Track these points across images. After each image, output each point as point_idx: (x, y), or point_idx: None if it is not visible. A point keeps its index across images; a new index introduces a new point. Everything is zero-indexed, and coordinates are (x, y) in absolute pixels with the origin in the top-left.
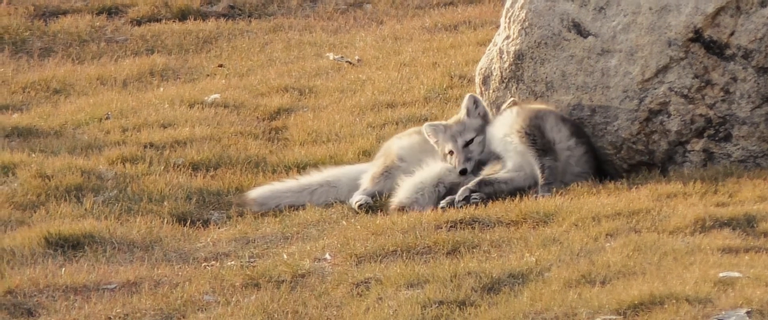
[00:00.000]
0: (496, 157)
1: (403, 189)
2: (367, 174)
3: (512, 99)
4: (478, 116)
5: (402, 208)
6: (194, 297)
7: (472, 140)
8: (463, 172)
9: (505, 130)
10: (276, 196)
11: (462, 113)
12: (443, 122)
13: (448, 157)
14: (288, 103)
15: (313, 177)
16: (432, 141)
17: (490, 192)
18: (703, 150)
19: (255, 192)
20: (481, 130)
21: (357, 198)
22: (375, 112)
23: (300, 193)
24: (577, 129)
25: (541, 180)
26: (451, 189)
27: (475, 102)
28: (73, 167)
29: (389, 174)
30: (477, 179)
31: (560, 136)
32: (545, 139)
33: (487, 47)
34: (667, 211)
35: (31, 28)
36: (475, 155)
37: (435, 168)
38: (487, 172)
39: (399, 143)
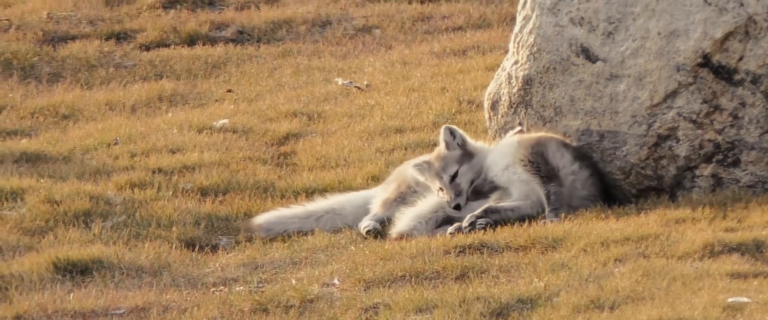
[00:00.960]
0: (495, 188)
1: (402, 220)
2: (377, 199)
3: (520, 129)
4: (457, 146)
5: (401, 238)
6: None
7: (456, 172)
8: (457, 208)
9: (507, 161)
10: (282, 222)
11: (441, 146)
12: (427, 158)
13: (440, 193)
14: (297, 128)
15: (319, 203)
16: (422, 180)
17: (497, 219)
18: (711, 175)
19: (261, 218)
20: (463, 159)
21: (365, 224)
22: (384, 137)
23: (306, 219)
24: (580, 153)
25: (547, 207)
26: (451, 219)
27: (452, 133)
28: (81, 192)
29: (403, 200)
30: (484, 207)
31: (564, 162)
32: (549, 166)
33: (495, 72)
34: (676, 236)
35: (40, 53)
36: (465, 186)
37: (434, 197)
38: (492, 201)
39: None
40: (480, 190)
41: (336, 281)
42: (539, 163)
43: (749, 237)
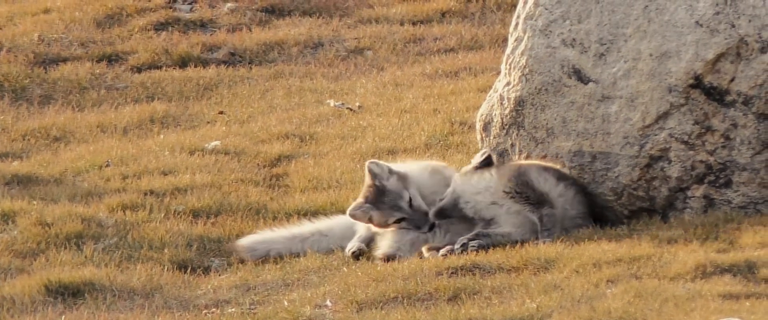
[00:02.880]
0: (471, 220)
1: (385, 240)
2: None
3: (484, 150)
4: (389, 176)
5: (387, 259)
6: None
7: (411, 198)
8: (432, 227)
9: (491, 195)
10: (266, 243)
11: (375, 181)
12: (363, 202)
13: (402, 224)
14: (289, 150)
15: (305, 226)
16: (364, 222)
17: (489, 243)
18: (703, 196)
19: (245, 240)
20: (404, 183)
21: (350, 245)
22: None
23: (291, 241)
24: (560, 173)
25: (540, 229)
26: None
27: (378, 164)
28: (73, 215)
29: None
30: (475, 231)
31: (549, 185)
32: (537, 192)
33: (487, 93)
34: (668, 257)
35: (31, 75)
36: (424, 206)
37: None
38: (480, 228)
39: None
40: (449, 215)
41: (328, 303)
42: (527, 192)
43: (741, 258)
